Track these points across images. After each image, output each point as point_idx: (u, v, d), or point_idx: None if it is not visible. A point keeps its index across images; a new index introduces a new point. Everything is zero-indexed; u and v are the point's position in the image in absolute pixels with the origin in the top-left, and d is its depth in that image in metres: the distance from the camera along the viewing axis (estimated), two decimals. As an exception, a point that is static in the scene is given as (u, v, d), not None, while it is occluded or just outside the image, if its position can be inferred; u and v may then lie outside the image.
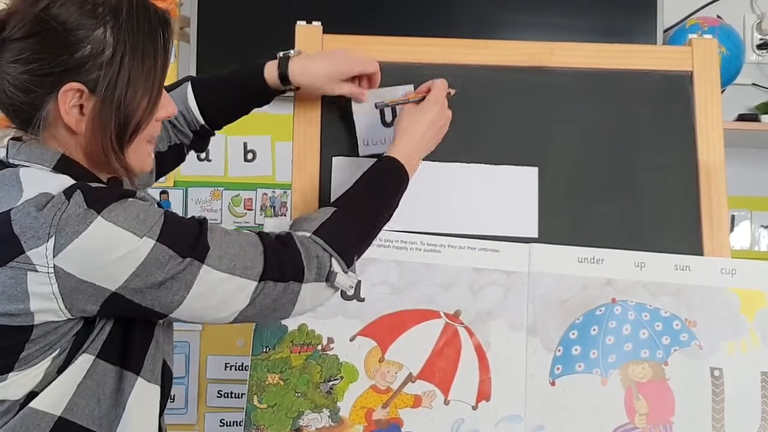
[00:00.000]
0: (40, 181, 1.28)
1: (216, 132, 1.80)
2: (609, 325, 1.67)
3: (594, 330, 1.67)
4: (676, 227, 1.75)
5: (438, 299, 1.68)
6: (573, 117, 1.80)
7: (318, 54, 1.74)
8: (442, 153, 1.71)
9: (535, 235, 1.74)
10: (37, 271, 1.22)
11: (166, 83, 1.44)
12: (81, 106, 1.31)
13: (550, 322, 1.67)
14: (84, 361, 1.30)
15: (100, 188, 1.29)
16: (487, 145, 1.78)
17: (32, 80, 1.29)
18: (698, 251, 1.73)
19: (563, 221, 1.75)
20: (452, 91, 1.72)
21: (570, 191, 1.77)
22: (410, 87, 1.75)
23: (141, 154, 1.42)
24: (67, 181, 1.29)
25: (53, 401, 1.28)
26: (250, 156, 3.04)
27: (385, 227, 1.61)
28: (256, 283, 1.36)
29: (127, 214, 1.26)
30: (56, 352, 1.28)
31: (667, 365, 1.66)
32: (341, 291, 1.52)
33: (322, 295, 1.47)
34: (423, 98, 1.68)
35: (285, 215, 2.99)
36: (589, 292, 1.69)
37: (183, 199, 3.00)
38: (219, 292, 1.33)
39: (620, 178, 1.78)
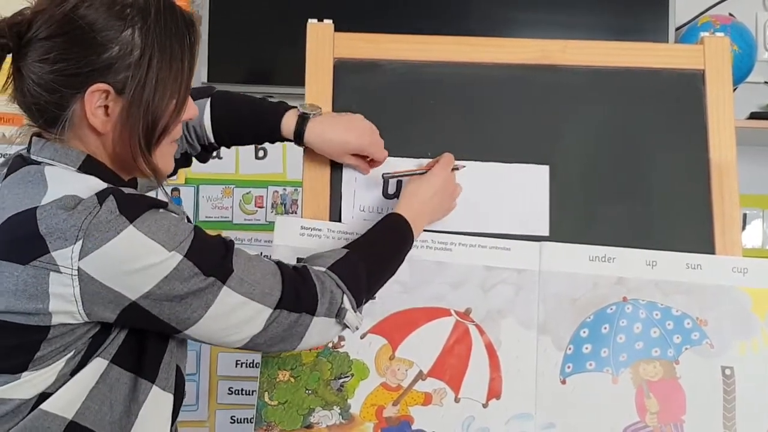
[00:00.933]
0: (66, 181, 1.28)
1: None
2: (620, 323, 1.67)
3: (605, 328, 1.67)
4: (687, 226, 1.75)
5: (449, 297, 1.68)
6: (584, 115, 1.80)
7: (336, 121, 1.71)
8: (453, 151, 1.71)
9: (546, 233, 1.74)
10: (60, 272, 1.22)
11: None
12: (106, 107, 1.31)
13: (560, 321, 1.67)
14: (97, 365, 1.30)
15: (133, 195, 1.28)
16: (499, 143, 1.78)
17: (58, 80, 1.29)
18: (710, 250, 1.73)
19: (574, 219, 1.75)
20: (460, 166, 1.71)
21: (581, 189, 1.77)
22: (419, 161, 1.75)
23: (167, 156, 1.43)
24: (95, 183, 1.29)
25: (65, 404, 1.28)
26: (261, 153, 3.04)
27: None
28: (271, 310, 1.36)
29: (158, 225, 1.26)
30: (71, 353, 1.28)
31: (678, 364, 1.66)
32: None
33: (330, 331, 1.47)
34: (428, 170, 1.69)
35: (296, 213, 2.99)
36: (600, 290, 1.68)
37: (194, 196, 3.01)
38: (236, 315, 1.33)
39: (632, 177, 1.77)
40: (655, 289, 1.69)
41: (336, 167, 1.75)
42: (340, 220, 1.72)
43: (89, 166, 1.33)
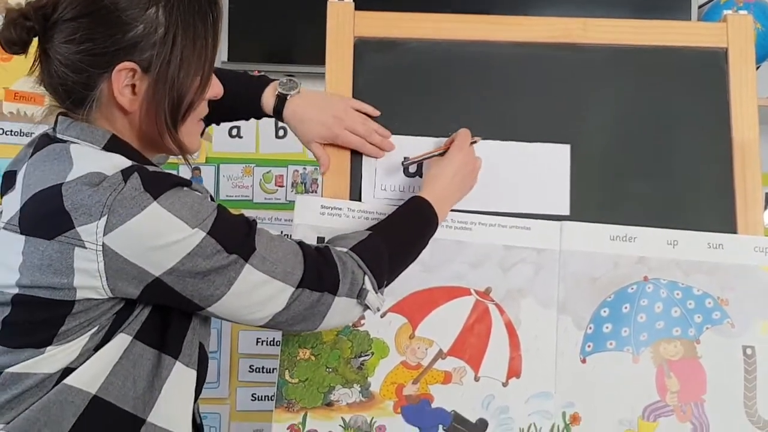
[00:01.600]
0: (91, 158, 1.30)
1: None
2: (641, 303, 1.67)
3: (625, 308, 1.66)
4: (709, 205, 1.74)
5: (468, 276, 1.69)
6: (605, 94, 1.79)
7: (312, 102, 1.72)
8: (473, 130, 1.71)
9: (567, 212, 1.74)
10: (85, 247, 1.23)
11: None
12: (133, 86, 1.33)
13: (581, 300, 1.67)
14: (121, 341, 1.31)
15: (157, 173, 1.30)
16: (520, 122, 1.77)
17: (85, 60, 1.30)
18: (732, 229, 1.72)
19: (595, 199, 1.75)
20: (477, 139, 1.71)
21: (602, 169, 1.76)
22: (436, 141, 1.75)
23: (193, 133, 1.44)
24: (120, 161, 1.30)
25: (88, 379, 1.29)
26: (281, 132, 3.04)
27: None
28: (293, 289, 1.37)
29: (182, 203, 1.27)
30: (95, 329, 1.29)
31: (699, 343, 1.66)
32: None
33: (352, 312, 1.47)
34: (447, 150, 1.68)
35: (316, 192, 2.99)
36: (621, 270, 1.68)
37: (215, 175, 3.01)
38: (258, 293, 1.34)
39: (653, 156, 1.77)
40: (676, 268, 1.68)
41: (356, 146, 1.75)
42: (360, 199, 1.73)
43: (114, 145, 1.34)
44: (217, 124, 1.79)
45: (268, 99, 1.71)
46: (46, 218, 1.26)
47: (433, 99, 1.79)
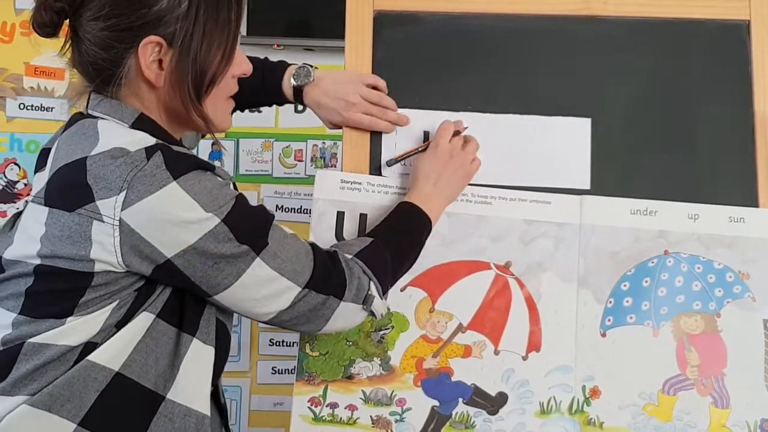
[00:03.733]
0: (117, 134, 1.31)
1: None
2: (661, 277, 1.66)
3: (646, 282, 1.66)
4: (730, 179, 1.73)
5: (488, 251, 1.69)
6: (626, 67, 1.78)
7: (324, 89, 1.74)
8: (494, 104, 1.70)
9: (587, 186, 1.73)
10: (103, 221, 1.25)
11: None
12: (160, 61, 1.34)
13: (601, 274, 1.67)
14: (144, 319, 1.32)
15: (180, 153, 1.31)
16: (539, 96, 1.76)
17: (113, 36, 1.32)
18: (753, 203, 1.71)
19: (616, 173, 1.74)
20: (462, 129, 1.69)
21: (623, 142, 1.75)
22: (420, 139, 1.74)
23: (221, 110, 1.46)
24: (145, 138, 1.31)
25: (111, 356, 1.30)
26: (300, 107, 3.03)
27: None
28: (300, 288, 1.38)
29: (201, 186, 1.28)
30: (116, 303, 1.30)
31: (719, 317, 1.65)
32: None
33: (356, 317, 1.48)
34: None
35: (335, 167, 2.99)
36: (642, 244, 1.68)
37: (234, 149, 3.02)
38: (265, 288, 1.36)
39: (674, 129, 1.76)
40: (697, 242, 1.68)
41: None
42: (380, 174, 1.73)
43: (142, 122, 1.36)
44: (242, 110, 1.79)
45: (287, 90, 1.75)
46: (69, 190, 1.27)
47: (453, 73, 1.78)
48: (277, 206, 3.03)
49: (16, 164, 2.97)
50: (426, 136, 1.73)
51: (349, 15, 1.78)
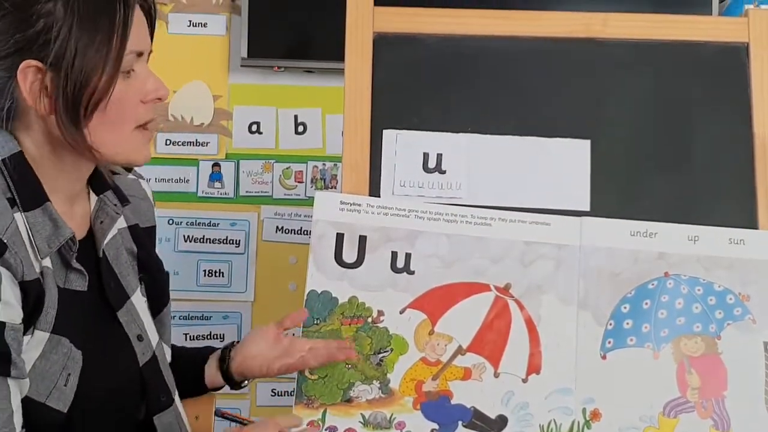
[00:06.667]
0: None
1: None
2: (661, 299, 1.66)
3: (646, 304, 1.66)
4: (730, 200, 1.73)
5: (488, 272, 1.68)
6: (626, 89, 1.79)
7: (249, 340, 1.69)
8: (493, 126, 1.71)
9: (587, 208, 1.73)
10: None
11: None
12: (46, 88, 1.29)
13: (601, 296, 1.67)
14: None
15: None
16: (540, 117, 1.77)
17: None
18: (753, 225, 1.71)
19: (615, 194, 1.74)
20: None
21: (623, 164, 1.75)
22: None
23: (129, 139, 1.39)
24: None
25: None
26: (300, 129, 3.05)
27: (436, 201, 1.61)
28: None
29: None
30: None
31: (720, 339, 1.65)
32: (392, 262, 1.48)
33: None
34: None
35: (335, 188, 3.00)
36: (642, 265, 1.67)
37: (235, 171, 3.02)
38: None
39: (674, 151, 1.76)
40: (697, 264, 1.67)
41: (376, 142, 1.75)
42: (379, 195, 1.73)
43: (13, 161, 1.33)
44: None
45: (210, 369, 1.71)
46: None
47: (452, 94, 1.78)
48: (277, 227, 3.03)
49: None
50: (425, 157, 1.73)
51: (349, 37, 1.78)
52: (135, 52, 1.35)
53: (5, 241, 1.27)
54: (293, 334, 1.65)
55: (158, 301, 1.56)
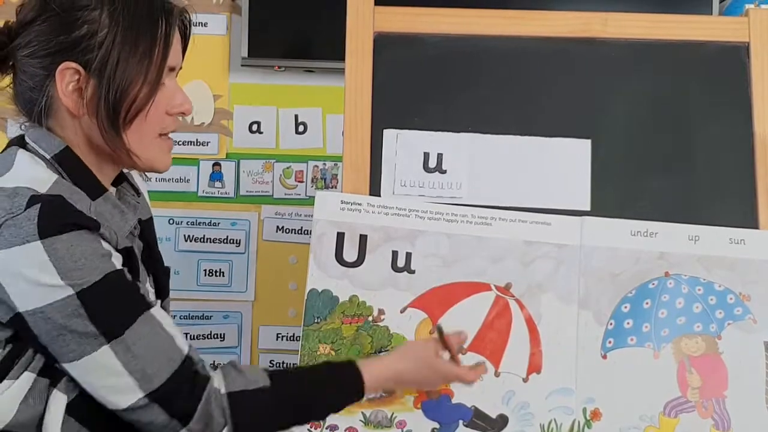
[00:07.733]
0: (28, 168, 1.30)
1: None
2: (662, 298, 1.66)
3: (647, 303, 1.66)
4: (730, 200, 1.74)
5: (489, 272, 1.68)
6: (626, 89, 1.79)
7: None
8: (494, 125, 1.71)
9: (588, 208, 1.73)
10: None
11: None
12: (81, 90, 1.32)
13: (602, 296, 1.67)
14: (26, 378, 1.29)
15: (61, 211, 1.25)
16: (540, 117, 1.77)
17: (35, 62, 1.32)
18: (753, 224, 1.71)
19: (616, 194, 1.74)
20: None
21: (623, 164, 1.76)
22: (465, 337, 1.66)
23: (153, 147, 1.40)
24: (46, 182, 1.28)
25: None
26: (301, 128, 3.04)
27: (436, 200, 1.61)
28: (142, 395, 1.28)
29: (67, 251, 1.23)
30: None
31: (720, 339, 1.65)
32: (393, 261, 1.48)
33: None
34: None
35: (335, 188, 2.99)
36: (642, 265, 1.67)
37: (235, 170, 3.02)
38: (106, 379, 1.27)
39: (674, 151, 1.76)
40: (697, 264, 1.68)
41: (376, 142, 1.75)
42: (380, 195, 1.73)
43: (64, 156, 1.34)
44: None
45: None
46: None
47: (453, 94, 1.78)
48: (277, 227, 3.02)
49: None
50: (426, 156, 1.73)
51: (350, 36, 1.78)
52: (169, 66, 1.39)
53: (95, 218, 1.30)
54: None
55: (160, 294, 1.57)
